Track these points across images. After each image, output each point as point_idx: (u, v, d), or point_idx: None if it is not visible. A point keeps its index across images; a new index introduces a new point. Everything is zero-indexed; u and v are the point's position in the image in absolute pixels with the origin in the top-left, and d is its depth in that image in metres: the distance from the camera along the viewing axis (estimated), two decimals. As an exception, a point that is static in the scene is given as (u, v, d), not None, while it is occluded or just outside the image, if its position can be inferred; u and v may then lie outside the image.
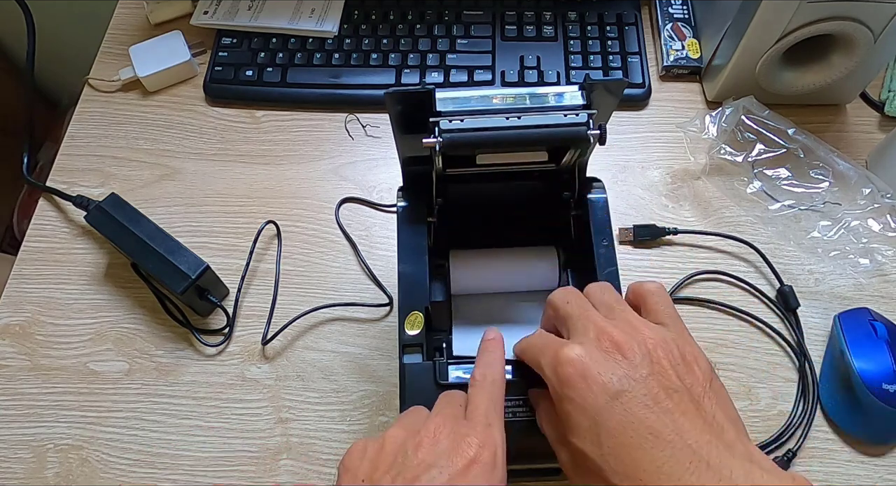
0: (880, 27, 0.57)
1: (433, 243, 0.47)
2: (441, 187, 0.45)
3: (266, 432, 0.54)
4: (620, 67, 0.68)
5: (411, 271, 0.44)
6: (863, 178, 0.59)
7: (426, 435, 0.34)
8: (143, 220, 0.58)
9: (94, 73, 0.71)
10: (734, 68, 0.63)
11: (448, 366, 0.41)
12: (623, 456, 0.30)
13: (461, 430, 0.34)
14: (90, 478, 0.53)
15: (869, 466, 0.52)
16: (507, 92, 0.40)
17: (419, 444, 0.33)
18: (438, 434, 0.34)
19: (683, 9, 0.72)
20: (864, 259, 0.58)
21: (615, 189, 0.64)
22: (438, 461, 0.32)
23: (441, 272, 0.47)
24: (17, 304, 0.60)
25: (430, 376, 0.40)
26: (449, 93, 0.40)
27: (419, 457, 0.33)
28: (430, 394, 0.39)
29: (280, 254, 0.61)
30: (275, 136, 0.68)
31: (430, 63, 0.69)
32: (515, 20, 0.71)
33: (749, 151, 0.61)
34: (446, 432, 0.34)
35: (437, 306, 0.46)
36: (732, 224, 0.62)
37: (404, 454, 0.33)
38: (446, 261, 0.48)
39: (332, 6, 0.72)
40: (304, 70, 0.69)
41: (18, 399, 0.56)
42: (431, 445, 0.33)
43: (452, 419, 0.35)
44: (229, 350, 0.58)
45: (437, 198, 0.46)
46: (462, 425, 0.35)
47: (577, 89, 0.40)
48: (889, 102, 0.67)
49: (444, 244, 0.48)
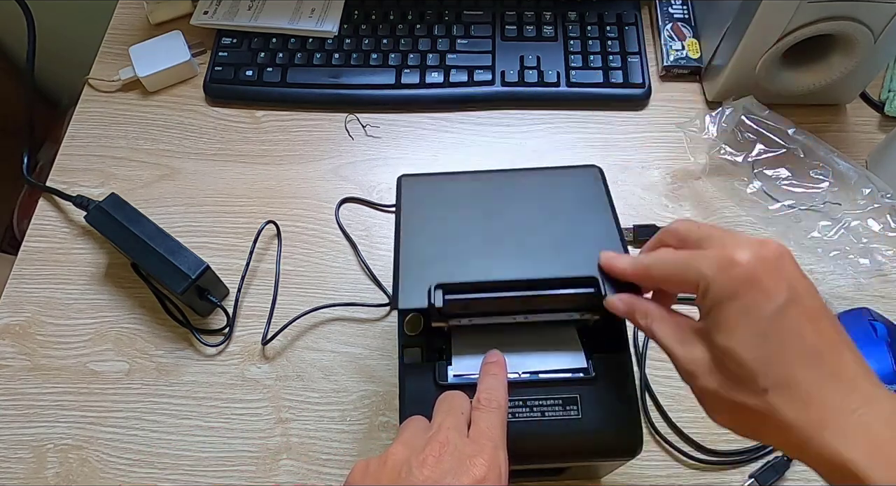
0: (880, 27, 0.57)
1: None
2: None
3: (266, 432, 0.54)
4: (620, 67, 0.68)
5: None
6: (863, 178, 0.59)
7: (430, 453, 0.34)
8: (143, 220, 0.58)
9: (94, 73, 0.71)
10: (734, 68, 0.63)
11: (447, 367, 0.41)
12: (782, 362, 0.30)
13: (467, 450, 0.34)
14: (90, 478, 0.53)
15: (869, 466, 0.52)
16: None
17: (423, 462, 0.33)
18: (443, 452, 0.34)
19: (683, 9, 0.72)
20: (864, 259, 0.58)
21: (615, 189, 0.63)
22: (444, 479, 0.32)
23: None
24: (17, 304, 0.60)
25: (429, 376, 0.40)
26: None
27: (424, 474, 0.33)
28: (429, 395, 0.39)
29: (280, 254, 0.61)
30: (275, 136, 0.68)
31: (430, 63, 0.69)
32: (515, 20, 0.71)
33: (749, 151, 0.61)
34: (450, 449, 0.34)
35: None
36: (732, 224, 0.62)
37: (408, 470, 0.33)
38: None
39: (332, 6, 0.72)
40: (304, 70, 0.69)
41: (18, 399, 0.56)
42: (435, 463, 0.33)
43: (456, 436, 0.35)
44: (229, 350, 0.58)
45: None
46: (468, 444, 0.34)
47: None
48: (889, 102, 0.67)
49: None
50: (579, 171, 0.46)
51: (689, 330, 0.34)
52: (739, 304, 0.31)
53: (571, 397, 0.39)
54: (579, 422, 0.39)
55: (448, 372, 0.40)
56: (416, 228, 0.43)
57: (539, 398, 0.39)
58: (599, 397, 0.39)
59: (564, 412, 0.39)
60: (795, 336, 0.31)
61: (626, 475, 0.52)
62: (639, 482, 0.52)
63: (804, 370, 0.30)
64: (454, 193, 0.45)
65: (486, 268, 0.40)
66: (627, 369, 0.40)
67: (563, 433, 0.39)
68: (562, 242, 0.42)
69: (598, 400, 0.39)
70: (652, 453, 0.53)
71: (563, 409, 0.39)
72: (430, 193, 0.45)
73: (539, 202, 0.44)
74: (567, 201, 0.44)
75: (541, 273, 0.39)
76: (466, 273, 0.40)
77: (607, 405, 0.39)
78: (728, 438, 0.53)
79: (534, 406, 0.39)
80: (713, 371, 0.33)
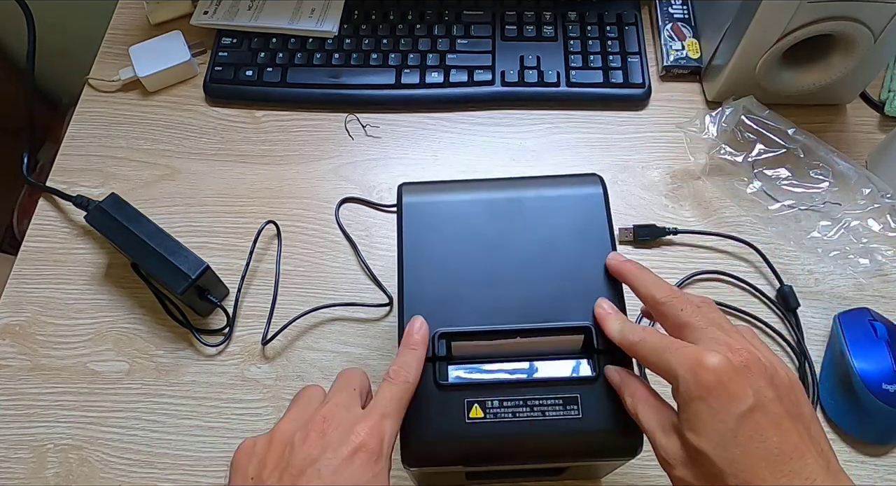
0: (880, 27, 0.57)
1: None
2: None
3: (266, 432, 0.54)
4: (620, 67, 0.68)
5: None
6: (863, 178, 0.59)
7: (314, 428, 0.34)
8: (143, 220, 0.58)
9: (94, 73, 0.71)
10: (734, 68, 0.63)
11: (448, 366, 0.41)
12: (747, 464, 0.32)
13: (351, 418, 0.35)
14: (90, 478, 0.53)
15: (869, 466, 0.52)
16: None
17: (306, 437, 0.34)
18: (327, 426, 0.34)
19: (683, 9, 0.72)
20: (864, 259, 0.58)
21: (615, 189, 0.64)
22: (325, 453, 0.33)
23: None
24: (17, 304, 0.60)
25: (429, 376, 0.40)
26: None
27: (305, 451, 0.33)
28: (429, 394, 0.39)
29: (280, 254, 0.61)
30: (275, 136, 0.68)
31: (430, 63, 0.69)
32: (515, 20, 0.71)
33: (749, 151, 0.61)
34: (335, 423, 0.34)
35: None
36: (732, 224, 0.62)
37: (291, 447, 0.34)
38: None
39: (332, 6, 0.72)
40: (304, 70, 0.69)
41: (18, 399, 0.56)
42: (319, 437, 0.34)
43: (343, 409, 0.36)
44: (229, 350, 0.58)
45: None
46: (353, 414, 0.35)
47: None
48: (889, 102, 0.67)
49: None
50: (580, 182, 0.47)
51: (669, 421, 0.36)
52: (707, 406, 0.33)
53: (572, 396, 0.39)
54: (579, 422, 0.39)
55: (449, 372, 0.40)
56: (418, 262, 0.43)
57: (539, 398, 0.39)
58: (600, 396, 0.39)
59: (565, 411, 0.39)
60: (759, 441, 0.32)
61: (626, 475, 0.52)
62: (639, 482, 0.52)
63: (767, 473, 0.32)
64: (455, 216, 0.45)
65: (487, 313, 0.41)
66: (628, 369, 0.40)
67: (564, 433, 0.39)
68: (560, 279, 0.43)
69: (598, 400, 0.39)
70: (652, 453, 0.53)
71: (564, 408, 0.39)
72: (431, 213, 0.45)
73: (539, 231, 0.44)
74: (567, 229, 0.44)
75: (538, 318, 0.41)
76: (467, 317, 0.41)
77: (608, 405, 0.39)
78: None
79: (534, 406, 0.39)
80: (688, 465, 0.34)
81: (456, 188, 0.47)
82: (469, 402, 0.39)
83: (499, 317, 0.41)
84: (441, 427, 0.39)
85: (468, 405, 0.39)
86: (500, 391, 0.40)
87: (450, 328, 0.41)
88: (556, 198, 0.45)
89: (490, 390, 0.40)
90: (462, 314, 0.41)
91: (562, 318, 0.41)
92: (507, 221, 0.45)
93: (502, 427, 0.39)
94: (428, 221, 0.45)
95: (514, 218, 0.45)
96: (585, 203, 0.45)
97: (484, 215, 0.45)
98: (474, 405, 0.39)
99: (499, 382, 0.40)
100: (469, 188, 0.47)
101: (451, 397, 0.40)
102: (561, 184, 0.46)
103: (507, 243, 0.44)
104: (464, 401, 0.39)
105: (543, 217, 0.45)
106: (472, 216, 0.45)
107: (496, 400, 0.39)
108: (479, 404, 0.39)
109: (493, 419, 0.39)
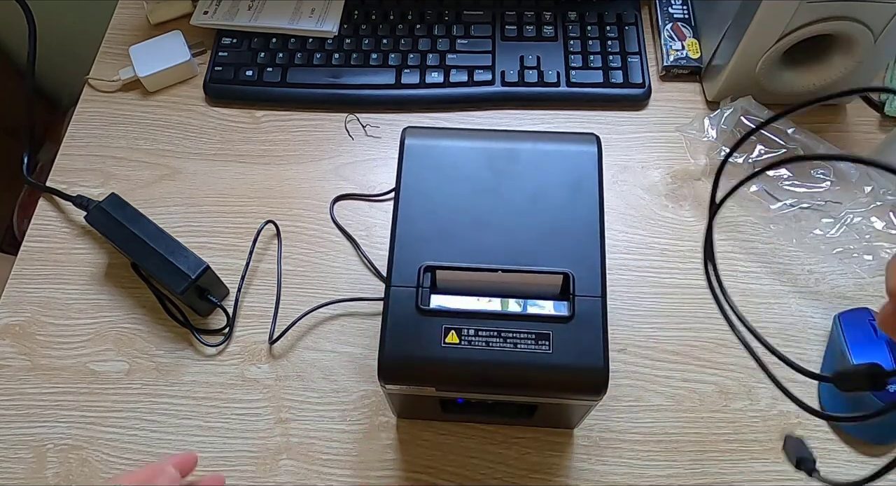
0: (880, 27, 0.57)
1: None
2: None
3: (266, 432, 0.54)
4: (620, 67, 0.68)
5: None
6: (864, 176, 0.59)
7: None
8: (143, 220, 0.58)
9: (94, 73, 0.71)
10: (734, 68, 0.63)
11: (431, 294, 0.42)
12: None
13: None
14: (90, 478, 0.53)
15: (869, 466, 0.52)
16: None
17: None
18: None
19: (683, 9, 0.72)
20: (868, 256, 0.57)
21: (615, 189, 0.64)
22: None
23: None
24: (17, 304, 0.60)
25: (411, 302, 0.42)
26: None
27: None
28: (410, 318, 0.42)
29: (280, 254, 0.61)
30: (275, 136, 0.68)
31: (430, 63, 0.69)
32: (515, 20, 0.71)
33: (749, 151, 0.61)
34: None
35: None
36: (733, 224, 0.62)
37: None
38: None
39: (332, 6, 0.72)
40: (304, 70, 0.69)
41: (18, 399, 0.56)
42: None
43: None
44: (229, 350, 0.58)
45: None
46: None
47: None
48: (889, 102, 0.67)
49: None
50: (578, 140, 0.48)
51: None
52: None
53: (544, 333, 0.41)
54: (549, 356, 0.41)
55: (431, 299, 0.42)
56: (412, 201, 0.46)
57: (513, 331, 0.42)
58: (572, 336, 0.41)
59: (536, 345, 0.41)
60: None
61: (626, 475, 0.52)
62: (639, 482, 0.52)
63: None
64: (453, 160, 0.47)
65: (473, 252, 0.43)
66: (602, 313, 0.42)
67: (533, 366, 0.41)
68: (546, 228, 0.44)
69: (570, 339, 0.41)
70: (652, 453, 0.53)
71: (535, 343, 0.41)
72: (430, 155, 0.47)
73: (532, 181, 0.46)
74: (559, 182, 0.46)
75: (521, 262, 0.43)
76: (454, 255, 0.43)
77: (578, 346, 0.41)
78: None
79: (507, 338, 0.41)
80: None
81: (457, 135, 0.49)
82: (446, 328, 0.42)
83: (484, 257, 0.43)
84: (418, 349, 0.41)
85: (445, 330, 0.41)
86: (477, 321, 0.42)
87: (435, 262, 0.43)
88: (552, 152, 0.47)
89: (468, 319, 0.42)
90: (449, 252, 0.44)
91: (544, 264, 0.43)
92: (502, 169, 0.46)
93: (475, 353, 0.41)
94: (427, 162, 0.47)
95: (509, 167, 0.47)
96: (579, 159, 0.47)
97: (481, 162, 0.47)
98: (451, 331, 0.42)
99: (477, 312, 0.42)
100: (470, 136, 0.49)
101: (430, 322, 0.42)
102: (559, 140, 0.49)
103: (500, 190, 0.46)
104: (441, 327, 0.42)
105: (538, 169, 0.47)
106: (470, 162, 0.47)
107: (472, 329, 0.42)
108: (455, 330, 0.42)
109: (467, 346, 0.41)
